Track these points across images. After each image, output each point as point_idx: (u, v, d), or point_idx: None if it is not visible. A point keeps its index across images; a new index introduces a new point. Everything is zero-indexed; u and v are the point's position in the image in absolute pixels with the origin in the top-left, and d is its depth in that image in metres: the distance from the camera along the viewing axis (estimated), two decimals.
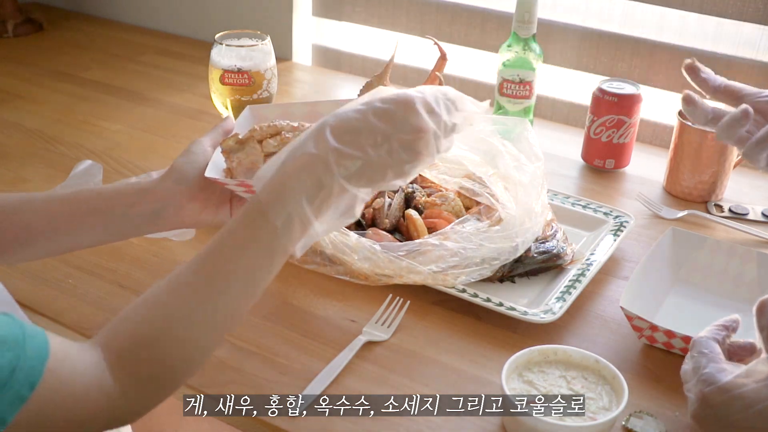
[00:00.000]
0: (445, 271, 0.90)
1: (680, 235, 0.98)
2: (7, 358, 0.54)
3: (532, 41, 1.27)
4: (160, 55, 1.72)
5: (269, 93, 1.14)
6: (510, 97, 1.30)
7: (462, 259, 0.90)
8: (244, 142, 0.83)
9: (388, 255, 0.90)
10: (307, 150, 0.66)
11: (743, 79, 1.28)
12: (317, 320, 0.89)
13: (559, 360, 0.77)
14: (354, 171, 0.66)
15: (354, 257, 0.90)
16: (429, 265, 0.89)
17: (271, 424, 0.75)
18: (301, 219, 0.65)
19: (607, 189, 1.21)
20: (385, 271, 0.89)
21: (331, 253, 0.91)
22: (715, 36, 1.32)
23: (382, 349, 0.85)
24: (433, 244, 0.91)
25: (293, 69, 1.68)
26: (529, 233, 0.93)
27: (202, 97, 1.46)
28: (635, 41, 1.37)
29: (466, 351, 0.85)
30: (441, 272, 0.89)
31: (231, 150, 0.84)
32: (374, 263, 0.89)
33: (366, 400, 0.78)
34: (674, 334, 0.82)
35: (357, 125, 0.67)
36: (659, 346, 0.85)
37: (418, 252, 0.90)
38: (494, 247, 0.91)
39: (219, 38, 1.12)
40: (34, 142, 1.30)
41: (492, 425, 0.75)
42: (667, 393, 0.80)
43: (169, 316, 0.64)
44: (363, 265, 0.89)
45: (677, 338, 0.82)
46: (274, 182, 0.66)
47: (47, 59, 1.67)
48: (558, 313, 0.88)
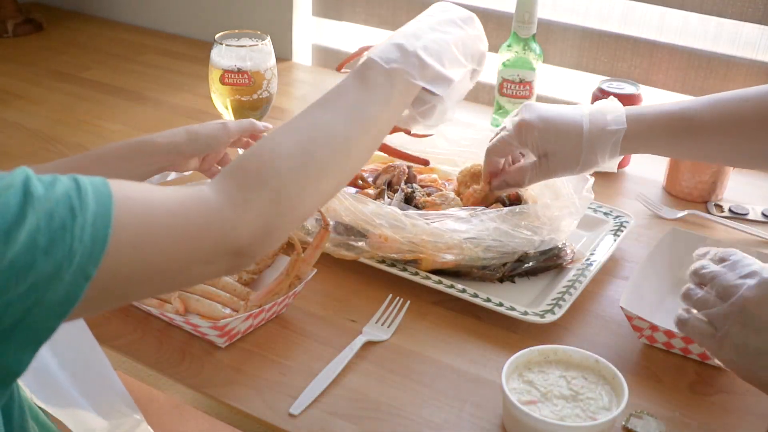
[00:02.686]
0: (466, 242, 0.90)
1: (681, 235, 0.98)
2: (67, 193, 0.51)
3: (532, 41, 1.27)
4: (160, 55, 1.72)
5: (269, 93, 1.14)
6: (510, 97, 1.30)
7: (480, 234, 0.91)
8: None
9: (412, 219, 0.91)
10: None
11: (743, 78, 1.28)
12: (317, 320, 0.89)
13: (559, 360, 0.77)
14: None
15: (376, 221, 0.91)
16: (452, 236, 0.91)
17: (270, 423, 0.75)
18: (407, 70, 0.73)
19: (607, 189, 1.21)
20: (408, 235, 0.90)
21: (351, 220, 0.93)
22: (715, 36, 1.32)
23: (382, 349, 0.85)
24: (460, 217, 0.92)
25: (293, 69, 1.68)
26: (558, 233, 0.94)
27: (202, 97, 1.46)
28: (635, 41, 1.37)
29: (466, 351, 0.85)
30: (461, 242, 0.90)
31: None
32: (398, 229, 0.91)
33: (366, 400, 0.78)
34: (674, 334, 0.82)
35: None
36: (659, 346, 0.85)
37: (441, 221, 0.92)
38: (517, 234, 0.92)
39: (219, 38, 1.12)
40: (34, 142, 1.30)
41: (492, 425, 0.75)
42: (667, 393, 0.80)
43: (278, 132, 0.66)
44: (385, 230, 0.91)
45: (677, 338, 0.82)
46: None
47: (47, 59, 1.67)
48: (558, 313, 0.88)
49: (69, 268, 0.50)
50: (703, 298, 0.73)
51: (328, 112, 0.69)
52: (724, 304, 0.70)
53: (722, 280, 0.71)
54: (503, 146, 0.94)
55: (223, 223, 0.59)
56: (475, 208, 0.95)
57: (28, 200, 0.49)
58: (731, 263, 0.73)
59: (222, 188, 0.61)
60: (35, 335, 0.50)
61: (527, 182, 0.94)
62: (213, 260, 0.59)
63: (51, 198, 0.50)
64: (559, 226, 0.95)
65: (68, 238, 0.49)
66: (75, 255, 0.50)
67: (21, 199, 0.48)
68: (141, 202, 0.55)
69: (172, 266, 0.57)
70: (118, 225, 0.52)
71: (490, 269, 0.93)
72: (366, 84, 0.72)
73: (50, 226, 0.49)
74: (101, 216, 0.52)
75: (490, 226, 0.91)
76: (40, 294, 0.49)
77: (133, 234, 0.54)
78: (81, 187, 0.52)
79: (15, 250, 0.47)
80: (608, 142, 0.89)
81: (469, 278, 0.94)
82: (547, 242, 0.94)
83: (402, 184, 1.05)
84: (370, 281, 0.94)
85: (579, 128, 0.89)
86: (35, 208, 0.49)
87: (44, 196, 0.50)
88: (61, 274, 0.49)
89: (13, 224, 0.47)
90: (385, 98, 0.72)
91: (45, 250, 0.48)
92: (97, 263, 0.51)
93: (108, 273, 0.52)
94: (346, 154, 0.69)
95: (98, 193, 0.52)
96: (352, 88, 0.71)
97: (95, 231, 0.51)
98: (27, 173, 0.51)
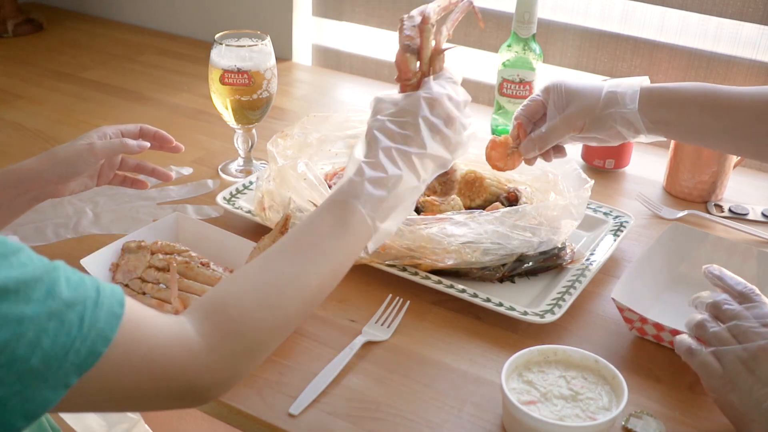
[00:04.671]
0: (464, 246, 0.90)
1: (682, 231, 0.98)
2: (78, 312, 0.54)
3: (532, 41, 1.27)
4: (160, 55, 1.72)
5: (269, 93, 1.14)
6: (510, 97, 1.30)
7: (478, 238, 0.91)
8: (141, 248, 0.92)
9: (410, 226, 0.91)
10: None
11: (743, 78, 1.28)
12: (317, 320, 0.89)
13: (559, 360, 0.77)
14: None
15: None
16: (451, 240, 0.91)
17: (270, 424, 0.75)
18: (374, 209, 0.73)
19: (607, 189, 1.21)
20: (406, 242, 0.90)
21: None
22: (715, 36, 1.32)
23: (382, 349, 0.85)
24: (457, 221, 0.92)
25: (293, 69, 1.68)
26: (555, 233, 0.94)
27: (202, 97, 1.46)
28: (635, 41, 1.37)
29: (466, 351, 0.85)
30: (459, 247, 0.90)
31: (128, 249, 0.93)
32: (396, 236, 0.90)
33: (366, 400, 0.78)
34: (663, 327, 0.82)
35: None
36: (649, 339, 0.85)
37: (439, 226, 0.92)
38: (516, 236, 0.92)
39: (219, 38, 1.12)
40: (34, 142, 1.30)
41: (492, 425, 0.75)
42: (667, 393, 0.80)
43: (260, 283, 0.67)
44: None
45: (666, 331, 0.82)
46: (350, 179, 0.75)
47: (47, 59, 1.67)
48: (558, 313, 0.88)
49: (55, 373, 0.52)
50: (718, 335, 0.72)
51: (307, 262, 0.69)
52: (738, 347, 0.69)
53: (743, 323, 0.70)
54: (531, 105, 0.96)
55: (199, 367, 0.61)
56: (473, 211, 0.95)
57: (48, 299, 0.51)
58: (755, 306, 0.72)
59: (205, 332, 0.62)
60: (29, 412, 0.52)
61: (552, 137, 0.93)
62: (178, 397, 0.62)
63: (67, 302, 0.52)
64: (558, 226, 0.95)
65: (67, 347, 0.52)
66: (64, 365, 0.52)
67: (44, 294, 0.51)
68: (141, 331, 0.58)
69: (142, 394, 0.59)
70: (113, 345, 0.55)
71: (490, 269, 0.93)
72: (346, 231, 0.72)
73: (59, 331, 0.51)
74: (102, 337, 0.54)
75: (488, 228, 0.91)
76: (22, 387, 0.50)
77: (120, 359, 0.55)
78: (99, 298, 0.55)
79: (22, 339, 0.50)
80: (627, 91, 0.90)
81: (469, 278, 0.94)
82: (546, 243, 0.94)
83: None
84: (370, 281, 0.94)
85: (600, 85, 0.92)
86: (52, 309, 0.51)
87: (65, 298, 0.52)
88: (46, 376, 0.51)
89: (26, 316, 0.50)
90: (363, 241, 0.74)
91: (44, 349, 0.51)
92: (80, 375, 0.53)
93: (83, 388, 0.54)
94: (317, 301, 0.72)
95: (111, 313, 0.55)
96: (331, 236, 0.71)
97: (93, 347, 0.53)
98: (58, 269, 0.54)
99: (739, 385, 0.68)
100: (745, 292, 0.74)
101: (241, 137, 1.19)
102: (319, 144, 1.11)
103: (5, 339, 0.49)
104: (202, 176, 1.20)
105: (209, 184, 1.17)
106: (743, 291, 0.74)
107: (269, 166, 1.02)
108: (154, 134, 1.00)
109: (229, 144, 1.23)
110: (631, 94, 0.90)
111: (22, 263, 0.51)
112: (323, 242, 0.71)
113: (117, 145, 0.93)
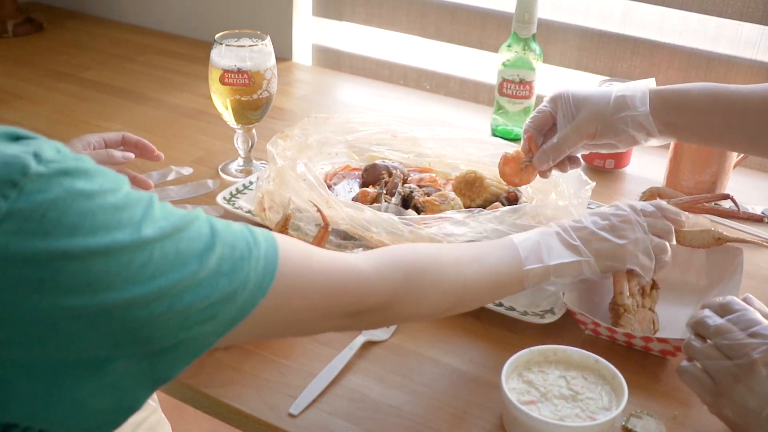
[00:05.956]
0: None
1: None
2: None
3: (532, 41, 1.27)
4: (160, 55, 1.72)
5: (269, 93, 1.14)
6: (510, 97, 1.30)
7: (478, 237, 0.91)
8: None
9: (410, 226, 0.90)
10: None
11: (743, 78, 1.28)
12: None
13: (559, 360, 0.77)
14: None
15: (373, 230, 0.90)
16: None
17: (270, 423, 0.75)
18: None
19: (607, 189, 1.21)
20: (406, 242, 0.90)
21: (348, 228, 0.92)
22: (715, 36, 1.32)
23: (382, 349, 0.85)
24: (457, 220, 0.92)
25: (293, 69, 1.68)
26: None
27: (202, 97, 1.46)
28: (635, 41, 1.37)
29: (466, 351, 0.85)
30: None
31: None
32: (394, 235, 0.90)
33: (366, 400, 0.78)
34: (615, 330, 0.84)
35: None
36: (604, 339, 0.86)
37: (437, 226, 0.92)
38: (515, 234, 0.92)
39: (219, 38, 1.12)
40: None
41: (492, 425, 0.75)
42: (667, 393, 0.80)
43: (439, 253, 0.75)
44: (383, 237, 0.90)
45: (619, 333, 0.83)
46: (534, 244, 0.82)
47: (47, 59, 1.67)
48: (558, 313, 0.87)
49: (242, 293, 0.56)
50: (705, 352, 0.71)
51: (485, 283, 0.77)
52: (728, 362, 0.69)
53: (728, 337, 0.70)
54: (539, 116, 0.96)
55: (368, 287, 0.67)
56: (472, 209, 0.95)
57: (215, 232, 0.56)
58: (738, 314, 0.71)
59: (372, 263, 0.68)
60: (195, 349, 0.56)
61: (565, 147, 0.94)
62: (345, 316, 0.66)
63: (231, 233, 0.57)
64: None
65: (246, 267, 0.56)
66: (249, 282, 0.57)
67: (209, 230, 0.56)
68: (300, 256, 0.63)
69: (312, 315, 0.64)
70: (281, 266, 0.59)
71: None
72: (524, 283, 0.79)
73: (233, 256, 0.56)
74: (271, 255, 0.59)
75: (487, 227, 0.91)
76: (217, 311, 0.55)
77: (290, 282, 0.60)
78: (252, 229, 0.60)
79: (205, 272, 0.53)
80: (636, 94, 0.90)
81: None
82: None
83: (398, 187, 1.04)
84: None
85: (608, 90, 0.93)
86: (221, 239, 0.56)
87: (225, 230, 0.57)
88: (236, 297, 0.56)
89: (205, 250, 0.54)
90: (514, 288, 0.81)
91: (228, 274, 0.55)
92: (264, 294, 0.58)
93: (265, 309, 0.58)
94: (461, 302, 0.77)
95: (267, 236, 0.60)
96: (513, 284, 0.80)
97: (267, 264, 0.58)
98: (204, 212, 0.58)
99: (733, 398, 0.68)
100: (725, 303, 0.73)
101: (241, 137, 1.19)
102: (319, 146, 1.11)
103: (221, 254, 0.55)
104: (202, 176, 1.20)
105: (209, 184, 1.17)
106: (722, 302, 0.74)
107: (269, 167, 1.02)
108: (136, 143, 1.00)
109: (229, 144, 1.23)
110: (640, 97, 0.90)
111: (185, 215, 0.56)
112: (507, 287, 0.80)
113: (103, 156, 0.95)
